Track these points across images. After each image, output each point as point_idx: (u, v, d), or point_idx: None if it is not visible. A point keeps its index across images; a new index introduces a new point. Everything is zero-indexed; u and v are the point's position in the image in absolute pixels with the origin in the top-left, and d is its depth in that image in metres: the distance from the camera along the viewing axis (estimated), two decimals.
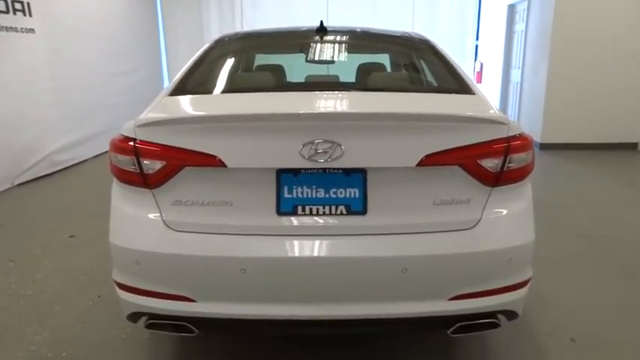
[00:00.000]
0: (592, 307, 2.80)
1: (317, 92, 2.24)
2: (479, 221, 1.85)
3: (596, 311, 2.75)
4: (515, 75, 8.26)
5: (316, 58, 2.79)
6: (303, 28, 2.99)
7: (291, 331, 1.93)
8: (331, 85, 2.68)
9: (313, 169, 1.80)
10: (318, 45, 2.79)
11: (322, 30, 2.78)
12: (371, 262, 1.79)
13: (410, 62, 2.88)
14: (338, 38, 2.86)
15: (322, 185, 1.82)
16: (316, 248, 1.80)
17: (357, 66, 2.72)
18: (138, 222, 1.88)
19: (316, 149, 1.73)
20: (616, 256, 3.52)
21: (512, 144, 1.86)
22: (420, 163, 1.77)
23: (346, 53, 2.87)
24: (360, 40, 3.08)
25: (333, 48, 2.85)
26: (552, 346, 2.41)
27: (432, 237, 1.82)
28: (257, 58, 3.09)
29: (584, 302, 2.85)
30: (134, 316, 1.98)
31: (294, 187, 1.81)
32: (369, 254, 1.79)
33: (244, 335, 2.46)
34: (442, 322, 1.91)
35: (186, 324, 1.89)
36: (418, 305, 1.85)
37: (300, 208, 1.81)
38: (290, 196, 1.81)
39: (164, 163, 1.81)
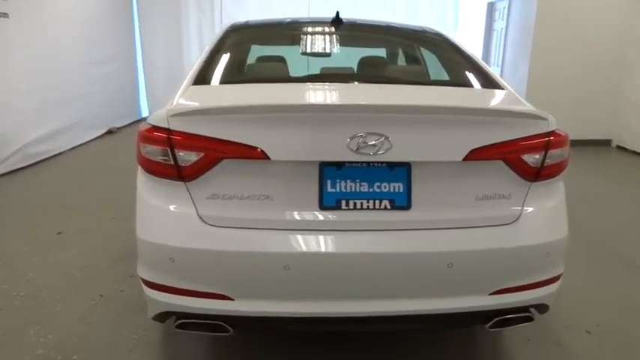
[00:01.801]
0: (600, 298, 2.86)
1: (356, 84, 2.18)
2: (519, 216, 1.85)
3: (604, 303, 2.81)
4: (494, 72, 8.39)
5: (337, 50, 2.72)
6: (318, 19, 2.92)
7: (334, 328, 1.88)
8: (363, 77, 2.58)
9: (357, 162, 1.75)
10: (339, 36, 2.73)
11: (338, 21, 2.73)
12: (417, 258, 1.76)
13: (436, 56, 2.85)
14: (359, 32, 2.81)
15: (366, 179, 1.77)
16: (361, 244, 1.75)
17: (384, 59, 2.67)
18: (171, 217, 1.79)
19: (365, 142, 1.68)
20: (611, 249, 3.61)
21: (552, 139, 1.87)
22: (466, 158, 1.75)
23: (371, 46, 2.83)
24: (382, 34, 3.03)
25: (355, 40, 2.79)
26: (571, 337, 2.45)
27: (476, 232, 1.81)
28: (277, 49, 2.99)
29: (591, 294, 2.91)
30: (163, 316, 1.89)
31: (338, 180, 1.76)
32: (415, 250, 1.76)
33: (284, 333, 2.38)
34: (482, 317, 1.90)
35: (222, 323, 1.82)
36: (461, 300, 1.83)
37: (343, 203, 1.76)
38: (333, 190, 1.76)
39: (202, 154, 1.72)
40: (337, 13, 2.75)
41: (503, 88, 2.23)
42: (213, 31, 9.02)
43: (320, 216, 1.75)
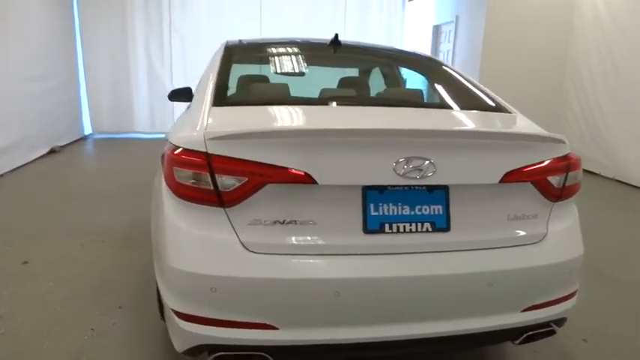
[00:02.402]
0: (586, 308, 3.01)
1: (396, 108, 2.23)
2: (545, 235, 1.94)
3: (591, 312, 2.97)
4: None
5: (344, 71, 2.74)
6: (316, 40, 2.92)
7: (379, 353, 1.86)
8: (381, 100, 2.59)
9: (399, 185, 1.77)
10: (343, 58, 2.75)
11: (337, 43, 2.75)
12: (460, 279, 1.80)
13: (442, 80, 2.93)
14: (361, 55, 2.84)
15: (407, 202, 1.79)
16: (407, 266, 1.76)
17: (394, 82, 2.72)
18: (211, 244, 1.71)
19: (411, 166, 1.71)
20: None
21: (571, 162, 1.98)
22: (502, 180, 1.82)
23: (378, 69, 2.86)
24: (383, 58, 3.08)
25: (359, 63, 2.82)
26: (573, 347, 2.58)
27: (511, 251, 1.88)
28: (288, 69, 2.94)
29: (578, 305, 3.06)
30: (197, 350, 1.79)
31: (380, 204, 1.77)
32: (458, 271, 1.79)
33: None
34: (513, 334, 1.97)
35: (262, 354, 1.75)
36: (497, 318, 1.88)
37: (387, 226, 1.76)
38: (376, 213, 1.76)
39: (245, 179, 1.67)
40: (336, 35, 2.78)
41: (511, 112, 2.34)
42: (161, 47, 8.79)
43: (364, 240, 1.75)
